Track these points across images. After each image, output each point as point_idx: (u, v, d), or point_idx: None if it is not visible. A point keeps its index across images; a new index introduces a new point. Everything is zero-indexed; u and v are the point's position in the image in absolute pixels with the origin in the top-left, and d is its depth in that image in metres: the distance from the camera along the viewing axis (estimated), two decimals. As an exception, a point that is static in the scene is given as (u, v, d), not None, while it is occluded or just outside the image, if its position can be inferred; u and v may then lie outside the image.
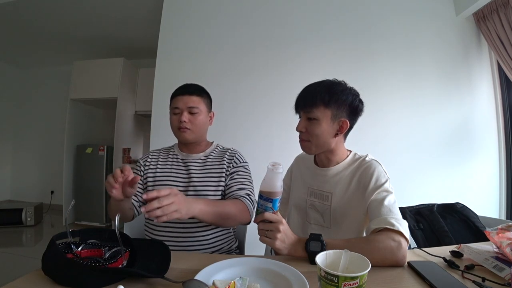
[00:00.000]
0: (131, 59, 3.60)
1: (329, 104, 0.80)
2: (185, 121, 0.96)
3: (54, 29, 3.16)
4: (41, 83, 4.33)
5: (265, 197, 0.65)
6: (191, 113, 0.98)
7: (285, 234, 0.67)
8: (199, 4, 2.44)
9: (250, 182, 1.01)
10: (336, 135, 0.83)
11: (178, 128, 0.99)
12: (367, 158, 0.86)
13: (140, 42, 3.50)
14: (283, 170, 0.66)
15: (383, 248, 0.64)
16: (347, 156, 0.89)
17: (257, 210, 0.68)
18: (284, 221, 0.68)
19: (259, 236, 0.69)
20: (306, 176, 0.96)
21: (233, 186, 0.97)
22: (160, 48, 2.42)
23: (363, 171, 0.82)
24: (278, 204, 0.66)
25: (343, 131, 0.83)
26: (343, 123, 0.82)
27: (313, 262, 0.64)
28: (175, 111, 1.00)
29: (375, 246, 0.64)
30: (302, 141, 0.87)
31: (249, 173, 1.04)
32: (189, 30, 2.41)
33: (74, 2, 2.64)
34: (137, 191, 1.02)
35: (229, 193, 0.96)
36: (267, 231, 0.67)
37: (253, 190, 0.99)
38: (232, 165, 1.01)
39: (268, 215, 0.66)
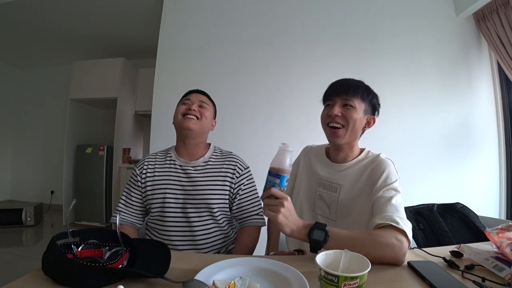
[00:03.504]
0: (131, 59, 3.60)
1: (365, 99, 0.85)
2: (194, 110, 0.98)
3: (54, 29, 3.16)
4: (41, 83, 4.33)
5: (274, 173, 0.66)
6: (200, 106, 1.02)
7: (289, 212, 0.67)
8: (199, 4, 2.44)
9: (258, 200, 1.05)
10: (364, 128, 0.88)
11: (184, 115, 0.98)
12: (381, 156, 0.87)
13: (140, 42, 3.50)
14: (293, 150, 0.68)
15: (385, 244, 0.63)
16: (361, 153, 0.91)
17: (264, 187, 0.68)
18: (289, 198, 0.68)
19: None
20: (317, 166, 0.96)
21: (248, 209, 1.02)
22: (160, 48, 2.42)
23: (375, 167, 0.83)
24: (285, 183, 0.67)
25: (370, 126, 0.89)
26: (371, 119, 0.88)
27: (313, 250, 0.64)
28: (185, 102, 1.02)
29: (378, 240, 0.64)
30: (334, 128, 0.85)
31: (254, 184, 1.06)
32: (189, 30, 2.41)
33: (74, 2, 2.64)
34: (136, 202, 1.01)
35: (247, 216, 1.02)
36: (272, 206, 0.66)
37: (261, 208, 1.04)
38: (236, 175, 1.01)
39: (274, 190, 0.66)
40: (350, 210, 0.85)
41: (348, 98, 0.83)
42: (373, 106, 0.87)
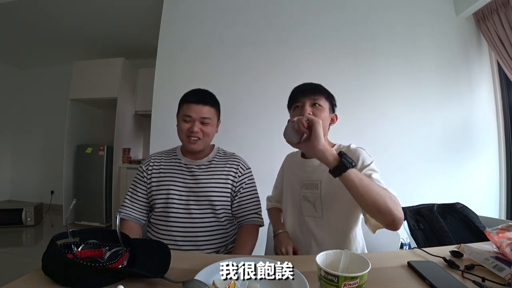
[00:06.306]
0: (131, 59, 3.60)
1: (328, 99, 0.93)
2: (197, 132, 0.96)
3: (54, 29, 3.16)
4: (41, 83, 4.32)
5: None
6: (203, 123, 0.97)
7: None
8: (199, 4, 2.43)
9: (258, 200, 1.08)
10: (329, 125, 0.94)
11: (187, 137, 0.98)
12: (352, 145, 0.91)
13: (140, 42, 3.50)
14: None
15: (393, 199, 0.69)
16: (332, 147, 0.94)
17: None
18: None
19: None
20: (296, 170, 1.00)
21: (247, 207, 1.04)
22: (160, 48, 2.42)
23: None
24: None
25: (334, 123, 0.96)
26: (333, 116, 0.96)
27: (338, 170, 0.68)
28: (186, 119, 0.97)
29: (387, 194, 0.69)
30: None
31: (255, 185, 1.08)
32: (189, 30, 2.41)
33: (74, 2, 2.64)
34: (142, 197, 1.02)
35: (246, 214, 1.03)
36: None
37: (260, 208, 1.08)
38: (238, 174, 1.04)
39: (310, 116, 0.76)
40: (334, 203, 0.88)
41: (316, 97, 0.90)
42: (333, 105, 0.96)
